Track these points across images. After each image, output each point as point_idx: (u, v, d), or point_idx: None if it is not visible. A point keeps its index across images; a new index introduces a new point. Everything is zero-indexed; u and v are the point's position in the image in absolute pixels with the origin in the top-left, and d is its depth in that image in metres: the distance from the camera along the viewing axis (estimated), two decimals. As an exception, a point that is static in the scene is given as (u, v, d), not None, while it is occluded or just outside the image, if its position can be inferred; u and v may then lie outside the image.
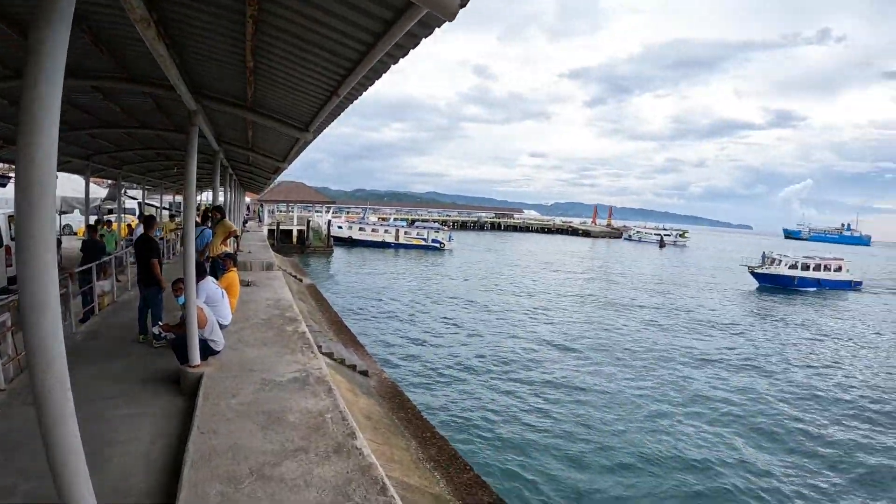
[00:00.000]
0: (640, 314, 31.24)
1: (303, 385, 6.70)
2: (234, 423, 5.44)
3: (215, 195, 13.01)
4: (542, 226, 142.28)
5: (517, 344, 22.29)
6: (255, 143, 11.99)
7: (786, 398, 17.31)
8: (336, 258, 50.87)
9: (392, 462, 8.59)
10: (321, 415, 5.81)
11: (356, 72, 4.61)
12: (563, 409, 15.16)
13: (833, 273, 51.69)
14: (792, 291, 48.00)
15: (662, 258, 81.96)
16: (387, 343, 21.01)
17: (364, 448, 5.10)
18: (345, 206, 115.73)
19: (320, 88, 5.60)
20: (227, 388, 6.39)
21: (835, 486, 11.76)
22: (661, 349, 22.60)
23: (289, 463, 4.70)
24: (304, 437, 5.24)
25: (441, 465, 9.83)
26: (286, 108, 7.00)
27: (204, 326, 7.13)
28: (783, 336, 28.15)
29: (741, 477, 11.90)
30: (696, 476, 11.82)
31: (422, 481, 8.57)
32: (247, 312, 10.54)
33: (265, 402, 6.05)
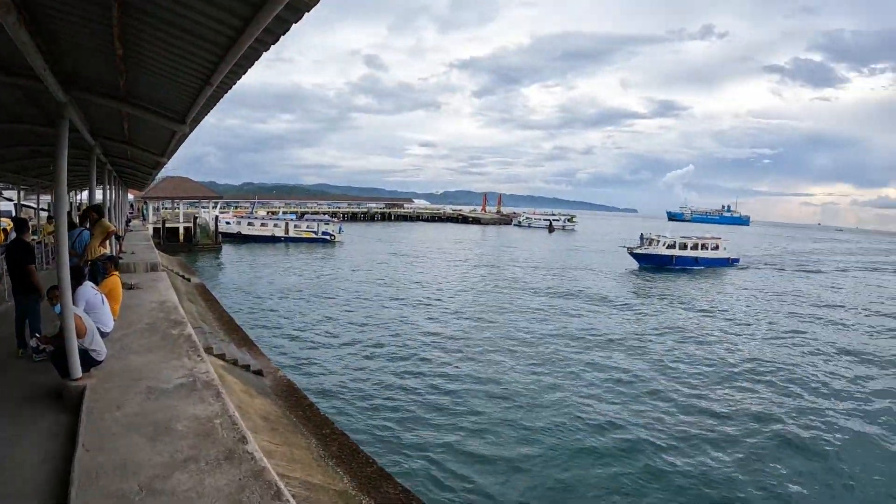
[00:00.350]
0: (526, 299, 32.55)
1: (190, 391, 6.53)
2: (120, 438, 5.24)
3: (92, 193, 12.34)
4: (433, 214, 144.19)
5: (411, 334, 22.61)
6: (132, 136, 11.41)
7: (667, 371, 18.68)
8: (225, 255, 49.32)
9: (293, 462, 8.52)
10: (210, 421, 5.70)
11: (227, 59, 4.52)
12: (459, 397, 15.58)
13: (710, 251, 54.28)
14: (670, 270, 50.33)
15: (551, 242, 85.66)
16: (281, 340, 20.71)
17: (256, 452, 5.07)
18: (233, 200, 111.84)
19: (193, 77, 5.44)
20: (111, 401, 6.12)
21: (715, 458, 12.66)
22: (549, 332, 23.73)
23: (179, 475, 4.59)
24: (193, 445, 5.12)
25: (343, 461, 9.85)
26: (160, 98, 6.76)
27: (83, 336, 6.76)
28: (662, 312, 30.24)
29: (627, 451, 12.66)
30: (592, 456, 12.45)
31: (325, 479, 8.56)
32: (130, 317, 10.06)
33: (152, 412, 5.85)
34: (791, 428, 14.14)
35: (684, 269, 51.07)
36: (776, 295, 38.77)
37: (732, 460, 12.28)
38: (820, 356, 21.71)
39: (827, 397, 16.72)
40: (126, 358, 7.65)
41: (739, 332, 25.60)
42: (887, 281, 52.73)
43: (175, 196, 56.78)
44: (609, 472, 11.64)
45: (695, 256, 53.09)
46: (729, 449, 12.82)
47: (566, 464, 11.91)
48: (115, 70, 5.70)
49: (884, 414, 15.53)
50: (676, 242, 52.90)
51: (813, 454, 12.85)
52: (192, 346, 8.37)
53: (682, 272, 49.72)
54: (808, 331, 26.36)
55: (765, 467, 12.03)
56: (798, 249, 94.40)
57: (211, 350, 13.12)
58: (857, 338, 25.60)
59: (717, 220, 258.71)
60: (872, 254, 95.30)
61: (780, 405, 15.74)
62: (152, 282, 14.19)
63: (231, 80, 5.68)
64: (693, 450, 12.66)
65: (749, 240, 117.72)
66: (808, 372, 19.24)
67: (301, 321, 24.33)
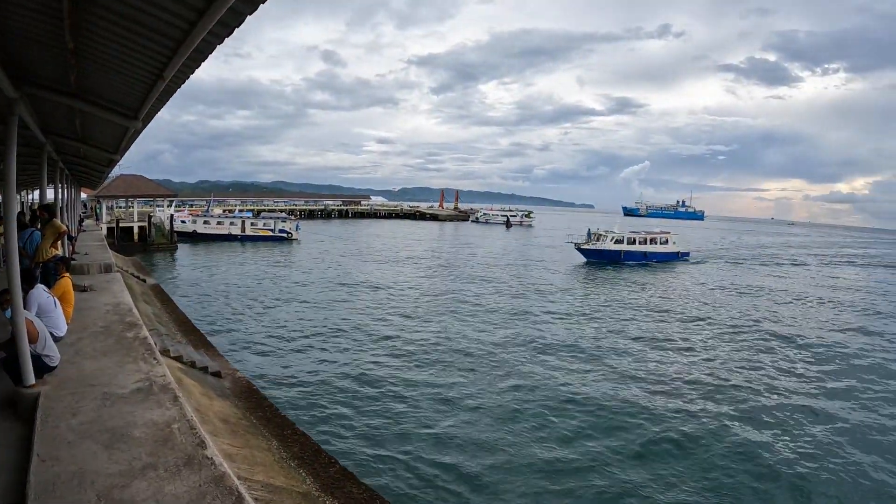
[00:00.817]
0: (474, 297, 32.56)
1: (147, 395, 6.43)
2: (76, 446, 5.14)
3: (43, 193, 12.01)
4: (390, 211, 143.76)
5: (370, 333, 22.54)
6: (85, 134, 11.16)
7: (610, 367, 18.89)
8: (181, 255, 48.16)
9: (255, 465, 8.46)
10: (168, 426, 5.63)
11: (181, 52, 4.48)
12: (416, 395, 15.64)
13: (660, 246, 54.60)
14: (619, 265, 50.36)
15: (508, 238, 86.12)
16: (239, 341, 20.39)
17: (215, 457, 5.04)
18: (188, 199, 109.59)
19: (145, 71, 5.36)
20: (66, 408, 5.99)
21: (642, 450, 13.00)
22: (488, 335, 23.65)
23: (138, 483, 4.54)
24: (151, 452, 5.06)
25: (306, 462, 9.82)
26: (112, 94, 6.63)
27: (36, 341, 6.60)
28: (602, 306, 30.69)
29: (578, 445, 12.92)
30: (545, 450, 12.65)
31: (288, 481, 8.51)
32: (84, 321, 9.83)
33: (108, 419, 5.75)
34: (720, 426, 14.47)
35: (632, 265, 51.18)
36: (722, 288, 39.67)
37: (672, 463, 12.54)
38: (767, 349, 22.37)
39: (777, 392, 17.20)
40: (80, 363, 7.49)
41: (681, 327, 26.13)
42: (838, 272, 55.05)
43: (129, 195, 55.36)
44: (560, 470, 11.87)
45: (643, 251, 53.32)
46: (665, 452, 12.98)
47: (525, 458, 12.08)
48: (66, 64, 5.58)
49: (833, 408, 16.16)
50: (625, 237, 53.03)
51: (761, 453, 13.19)
52: (148, 350, 8.24)
53: (630, 267, 50.02)
54: (753, 324, 27.01)
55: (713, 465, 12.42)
56: (750, 243, 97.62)
57: (168, 352, 12.93)
58: (805, 329, 26.48)
59: (671, 214, 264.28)
60: (823, 247, 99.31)
61: (724, 402, 15.99)
62: (106, 283, 13.86)
63: (185, 74, 5.62)
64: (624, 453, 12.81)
65: (702, 234, 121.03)
66: (755, 365, 19.84)
67: (259, 321, 24.02)
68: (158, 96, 6.14)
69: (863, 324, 28.73)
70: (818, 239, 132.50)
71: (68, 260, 10.70)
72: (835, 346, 23.17)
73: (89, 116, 8.78)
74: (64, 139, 11.62)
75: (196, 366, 13.52)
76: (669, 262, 54.20)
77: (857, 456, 12.97)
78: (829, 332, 25.77)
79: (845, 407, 16.02)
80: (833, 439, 13.80)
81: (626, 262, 51.65)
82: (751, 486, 11.41)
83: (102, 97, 6.93)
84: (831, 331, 26.31)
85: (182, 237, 56.01)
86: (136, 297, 16.99)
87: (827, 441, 13.70)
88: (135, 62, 5.16)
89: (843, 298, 37.61)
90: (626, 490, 10.98)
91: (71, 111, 8.52)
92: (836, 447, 13.37)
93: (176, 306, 22.74)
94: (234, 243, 59.26)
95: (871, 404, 16.36)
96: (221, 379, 13.67)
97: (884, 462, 12.72)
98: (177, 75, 5.35)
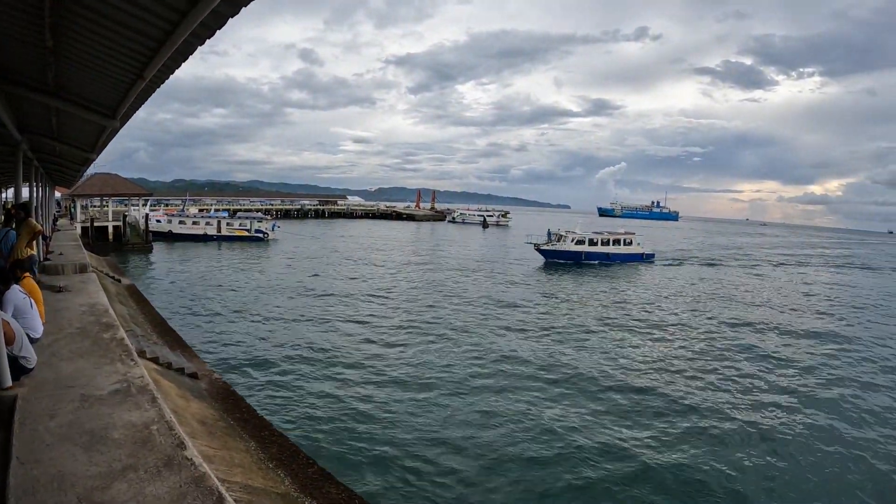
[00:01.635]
0: (438, 296, 33.00)
1: (125, 397, 6.41)
2: (55, 448, 5.13)
3: (18, 191, 11.89)
4: (367, 211, 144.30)
5: (346, 334, 22.71)
6: (61, 132, 11.08)
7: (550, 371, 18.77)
8: (156, 255, 47.81)
9: (233, 466, 8.46)
10: (147, 427, 5.63)
11: (161, 52, 4.51)
12: (393, 395, 15.85)
13: (623, 247, 53.76)
14: (580, 266, 49.64)
15: (484, 238, 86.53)
16: (215, 342, 20.39)
17: (195, 458, 5.06)
18: (164, 198, 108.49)
19: (125, 71, 5.37)
20: (44, 410, 5.96)
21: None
22: (454, 330, 24.17)
23: (118, 484, 4.55)
24: (131, 453, 5.06)
25: (284, 463, 9.82)
26: (90, 93, 6.63)
27: (12, 342, 6.55)
28: (554, 308, 30.48)
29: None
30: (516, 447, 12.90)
31: (267, 482, 8.52)
32: (60, 322, 9.75)
33: (87, 421, 5.73)
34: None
35: (593, 266, 50.44)
36: (682, 292, 39.00)
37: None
38: (723, 353, 22.38)
39: (731, 392, 17.59)
40: (57, 365, 7.43)
41: (636, 331, 25.87)
42: (804, 274, 55.56)
43: (104, 193, 54.72)
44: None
45: (606, 252, 52.38)
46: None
47: (503, 460, 12.28)
48: (44, 63, 5.59)
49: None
50: (586, 238, 52.12)
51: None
52: (125, 351, 8.20)
53: (591, 268, 49.16)
54: (713, 329, 26.91)
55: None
56: (720, 243, 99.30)
57: (144, 354, 12.83)
58: (769, 333, 26.62)
59: (646, 215, 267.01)
60: (794, 247, 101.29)
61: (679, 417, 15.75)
62: (81, 284, 13.70)
63: (164, 75, 5.63)
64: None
65: (675, 234, 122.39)
66: (710, 370, 19.80)
67: (235, 322, 23.96)
68: (137, 96, 6.15)
69: (825, 326, 29.06)
70: (790, 239, 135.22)
71: (25, 261, 10.48)
72: (799, 354, 23.01)
73: (66, 115, 8.73)
74: (40, 137, 11.52)
75: (172, 367, 13.43)
76: (633, 264, 53.29)
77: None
78: (794, 340, 25.58)
79: (812, 413, 16.28)
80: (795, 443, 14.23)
81: (589, 263, 50.84)
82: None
83: (80, 96, 6.92)
84: (796, 336, 26.22)
85: (157, 237, 55.45)
86: (112, 298, 16.81)
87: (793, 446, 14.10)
88: (115, 62, 5.16)
89: (808, 300, 38.09)
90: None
91: (48, 109, 8.47)
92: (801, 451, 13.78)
93: (152, 307, 22.52)
94: (209, 243, 58.91)
95: (833, 409, 16.65)
96: (198, 380, 13.60)
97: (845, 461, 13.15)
98: (157, 75, 5.37)
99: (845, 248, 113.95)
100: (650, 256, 57.01)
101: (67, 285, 13.04)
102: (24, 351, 6.73)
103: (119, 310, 17.10)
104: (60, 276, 14.42)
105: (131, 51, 4.75)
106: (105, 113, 7.13)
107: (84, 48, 5.01)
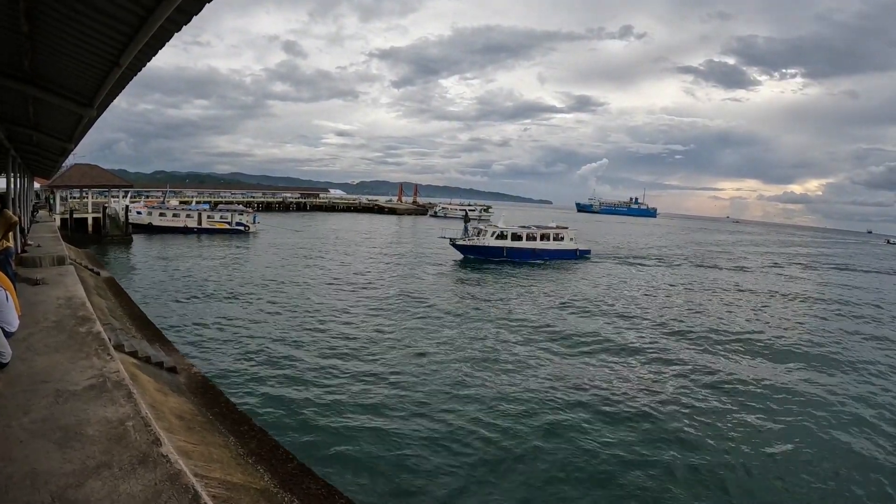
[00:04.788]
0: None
1: (100, 392, 6.33)
2: (28, 445, 5.06)
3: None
4: (349, 205, 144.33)
5: (328, 328, 22.59)
6: (38, 121, 10.91)
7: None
8: (136, 247, 47.22)
9: (212, 462, 8.39)
10: (122, 423, 5.57)
11: (137, 38, 4.47)
12: (373, 388, 15.81)
13: (553, 242, 49.52)
14: (499, 263, 44.94)
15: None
16: (194, 336, 20.24)
17: (171, 455, 5.02)
18: (144, 189, 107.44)
19: (101, 57, 5.31)
20: (18, 406, 5.88)
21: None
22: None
23: (92, 482, 4.49)
24: (105, 450, 5.01)
25: (263, 458, 9.77)
26: (66, 80, 6.55)
27: (-14, 337, 6.49)
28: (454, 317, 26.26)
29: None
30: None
31: (246, 478, 8.47)
32: (35, 315, 9.61)
33: (61, 416, 5.66)
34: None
35: (515, 263, 45.76)
36: (612, 289, 36.64)
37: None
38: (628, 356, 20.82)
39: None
40: (32, 359, 7.34)
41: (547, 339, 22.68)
42: (772, 271, 55.02)
43: (84, 185, 54.02)
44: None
45: (532, 248, 48.04)
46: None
47: (492, 453, 12.35)
48: (20, 48, 5.50)
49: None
50: (509, 232, 47.76)
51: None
52: (102, 345, 8.10)
53: (514, 266, 44.23)
54: (642, 335, 24.39)
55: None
56: (688, 240, 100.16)
57: (122, 347, 12.70)
58: (697, 338, 24.50)
59: (624, 211, 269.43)
60: (761, 245, 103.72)
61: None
62: (59, 276, 13.51)
63: (141, 62, 5.59)
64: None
65: (642, 230, 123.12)
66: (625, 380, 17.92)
67: (215, 316, 23.77)
68: (114, 84, 6.08)
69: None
70: (759, 237, 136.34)
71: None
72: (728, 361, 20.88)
73: (42, 103, 8.61)
74: (16, 126, 11.36)
75: (151, 361, 13.29)
76: (564, 261, 48.89)
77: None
78: (718, 347, 22.97)
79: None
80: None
81: (513, 260, 46.33)
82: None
83: (57, 84, 6.83)
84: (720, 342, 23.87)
85: (137, 229, 54.93)
86: (90, 291, 16.61)
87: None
88: (90, 48, 5.11)
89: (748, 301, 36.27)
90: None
91: (24, 97, 8.34)
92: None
93: (131, 300, 22.29)
94: (190, 236, 58.45)
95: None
96: (177, 374, 13.48)
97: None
98: (133, 63, 5.32)
99: (825, 248, 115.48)
100: (585, 253, 52.98)
101: (45, 278, 12.87)
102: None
103: (98, 303, 16.90)
104: (38, 269, 14.22)
105: (107, 37, 4.70)
106: (82, 101, 7.04)
107: (60, 34, 4.95)
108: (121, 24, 4.37)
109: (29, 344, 7.97)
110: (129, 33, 4.50)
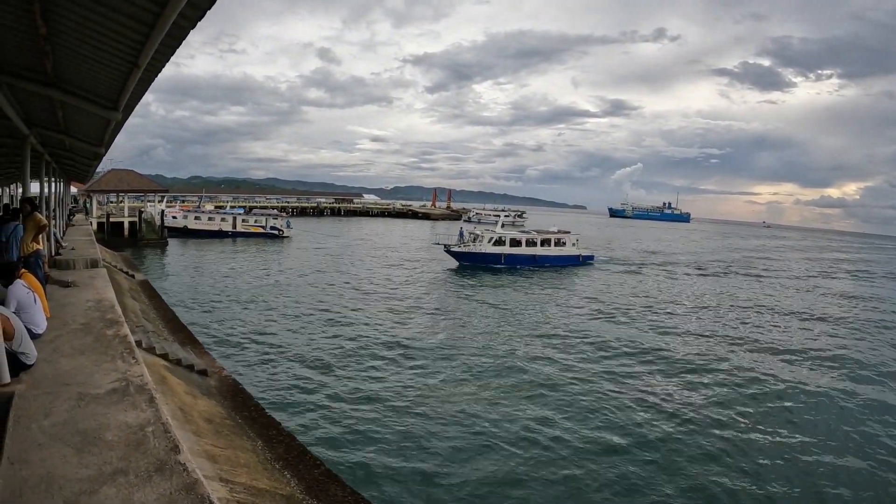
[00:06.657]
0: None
1: (122, 396, 6.22)
2: (46, 449, 4.96)
3: (26, 185, 11.84)
4: (383, 210, 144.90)
5: (361, 334, 22.39)
6: (68, 125, 11.00)
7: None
8: (171, 251, 48.13)
9: (238, 466, 8.30)
10: (142, 429, 5.44)
11: (153, 38, 4.42)
12: (406, 399, 15.52)
13: (554, 248, 48.07)
14: (496, 271, 43.53)
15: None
16: (226, 339, 20.32)
17: (188, 463, 4.86)
18: (180, 194, 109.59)
19: (120, 59, 5.28)
20: (39, 408, 5.79)
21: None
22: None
23: (107, 489, 4.36)
24: (123, 456, 4.88)
25: (290, 464, 9.67)
26: (88, 83, 6.53)
27: (12, 338, 6.43)
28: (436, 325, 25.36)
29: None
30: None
31: (272, 483, 8.36)
32: (64, 317, 9.62)
33: (81, 420, 5.55)
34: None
35: (515, 269, 44.39)
36: (611, 299, 34.23)
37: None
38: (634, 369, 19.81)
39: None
40: (57, 361, 7.28)
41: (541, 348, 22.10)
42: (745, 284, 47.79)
43: (120, 189, 55.32)
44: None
45: (532, 254, 46.72)
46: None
47: (519, 466, 12.07)
48: (40, 51, 5.48)
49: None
50: (507, 238, 46.41)
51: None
52: (128, 348, 8.03)
53: (511, 273, 42.99)
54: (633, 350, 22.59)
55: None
56: (714, 247, 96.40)
57: (153, 350, 12.77)
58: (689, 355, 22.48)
59: (657, 216, 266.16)
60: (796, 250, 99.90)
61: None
62: (90, 279, 13.63)
63: (159, 62, 5.56)
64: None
65: (673, 235, 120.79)
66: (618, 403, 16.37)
67: (246, 319, 23.90)
68: (136, 86, 6.05)
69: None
70: (795, 243, 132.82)
71: (19, 259, 10.29)
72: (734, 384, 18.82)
73: (70, 107, 8.65)
74: (48, 131, 11.47)
75: (182, 363, 13.32)
76: (566, 267, 47.22)
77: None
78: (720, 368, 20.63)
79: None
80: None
81: (513, 267, 44.99)
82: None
83: (80, 86, 6.81)
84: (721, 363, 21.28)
85: (172, 233, 56.01)
86: (124, 293, 16.80)
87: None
88: (108, 49, 5.09)
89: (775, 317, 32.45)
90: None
91: (52, 101, 8.38)
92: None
93: (164, 303, 22.54)
94: (224, 239, 59.44)
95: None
96: (207, 377, 13.49)
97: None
98: (152, 63, 5.29)
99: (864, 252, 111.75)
100: (588, 258, 51.03)
101: (76, 280, 12.97)
102: (23, 347, 6.61)
103: (131, 305, 17.07)
104: (70, 271, 14.39)
105: (123, 37, 4.68)
106: (106, 105, 7.03)
107: (77, 35, 4.94)
108: (135, 21, 4.35)
109: (55, 346, 7.94)
110: (144, 32, 4.47)
